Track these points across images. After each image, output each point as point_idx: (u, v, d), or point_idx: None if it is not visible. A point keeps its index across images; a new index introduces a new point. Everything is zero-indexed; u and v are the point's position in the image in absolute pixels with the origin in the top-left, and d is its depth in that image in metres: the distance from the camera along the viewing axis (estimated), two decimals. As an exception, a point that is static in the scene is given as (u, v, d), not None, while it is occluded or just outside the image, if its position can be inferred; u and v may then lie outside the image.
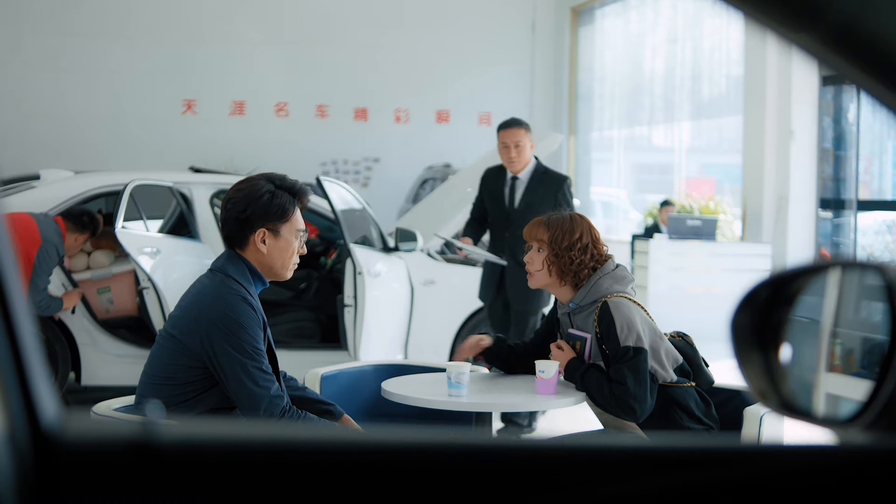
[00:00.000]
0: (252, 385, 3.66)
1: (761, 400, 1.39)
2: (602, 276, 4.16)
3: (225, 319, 3.68)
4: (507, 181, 7.25)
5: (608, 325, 4.04)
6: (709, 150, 17.90)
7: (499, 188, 7.26)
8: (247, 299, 3.75)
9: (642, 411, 4.00)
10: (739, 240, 13.16)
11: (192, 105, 16.73)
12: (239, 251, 3.87)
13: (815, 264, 1.45)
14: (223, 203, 3.93)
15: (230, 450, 1.16)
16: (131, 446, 1.11)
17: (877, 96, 1.19)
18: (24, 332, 1.10)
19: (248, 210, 3.84)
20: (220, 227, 4.04)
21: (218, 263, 3.89)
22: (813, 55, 1.18)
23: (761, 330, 1.37)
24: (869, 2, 1.14)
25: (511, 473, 1.19)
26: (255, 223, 3.85)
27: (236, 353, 3.66)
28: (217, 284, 3.79)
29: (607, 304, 4.06)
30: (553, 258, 4.20)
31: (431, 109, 17.79)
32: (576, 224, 4.23)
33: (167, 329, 3.81)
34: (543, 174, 7.22)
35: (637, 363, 3.98)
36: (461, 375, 4.06)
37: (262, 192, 3.86)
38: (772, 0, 1.15)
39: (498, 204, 7.25)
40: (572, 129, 18.54)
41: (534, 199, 7.07)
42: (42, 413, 1.10)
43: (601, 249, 4.24)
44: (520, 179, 7.20)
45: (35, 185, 8.02)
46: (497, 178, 7.33)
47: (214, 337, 3.66)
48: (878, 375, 1.28)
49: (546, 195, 7.08)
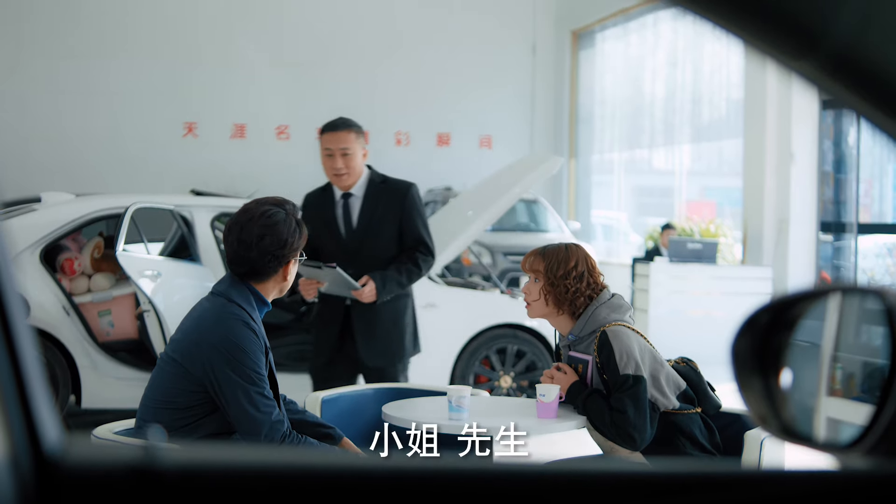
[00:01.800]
0: (253, 410, 3.64)
1: (762, 425, 1.39)
2: (599, 305, 4.17)
3: (227, 344, 3.66)
4: (336, 202, 5.70)
5: (608, 355, 4.05)
6: (709, 172, 17.92)
7: (328, 213, 5.67)
8: (249, 324, 3.73)
9: (642, 440, 4.00)
10: (740, 263, 13.15)
11: (193, 128, 16.75)
12: (255, 282, 3.82)
13: (815, 289, 1.46)
14: (244, 237, 3.79)
15: (232, 475, 1.16)
16: (133, 471, 1.11)
17: (876, 123, 1.20)
18: (27, 356, 1.10)
19: (287, 245, 3.80)
20: (241, 260, 3.80)
21: (220, 288, 3.84)
22: (812, 82, 1.18)
23: (762, 355, 1.38)
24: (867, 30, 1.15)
25: (511, 498, 1.19)
26: (288, 256, 3.83)
27: (238, 377, 3.64)
28: (219, 308, 3.76)
29: (606, 333, 4.07)
30: (549, 287, 4.21)
31: (432, 132, 17.82)
32: (571, 253, 4.25)
33: (168, 353, 3.79)
34: (382, 184, 5.69)
35: (637, 392, 3.98)
36: (462, 399, 4.06)
37: (293, 224, 3.83)
38: (771, 28, 1.16)
39: (331, 232, 5.65)
40: (573, 152, 18.56)
41: (375, 218, 5.59)
42: (44, 437, 1.10)
43: (597, 278, 4.25)
44: (354, 196, 5.67)
45: (36, 208, 8.03)
46: (323, 201, 5.75)
47: (216, 361, 3.64)
48: (879, 400, 1.28)
49: (389, 209, 5.60)
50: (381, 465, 1.21)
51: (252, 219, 3.81)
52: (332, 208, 5.67)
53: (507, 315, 8.21)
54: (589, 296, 4.20)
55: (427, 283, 8.34)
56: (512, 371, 8.04)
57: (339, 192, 5.69)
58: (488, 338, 8.10)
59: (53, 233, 7.74)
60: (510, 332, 8.10)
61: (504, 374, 8.02)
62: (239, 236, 3.80)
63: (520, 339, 8.07)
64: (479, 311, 8.31)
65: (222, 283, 3.87)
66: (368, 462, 1.21)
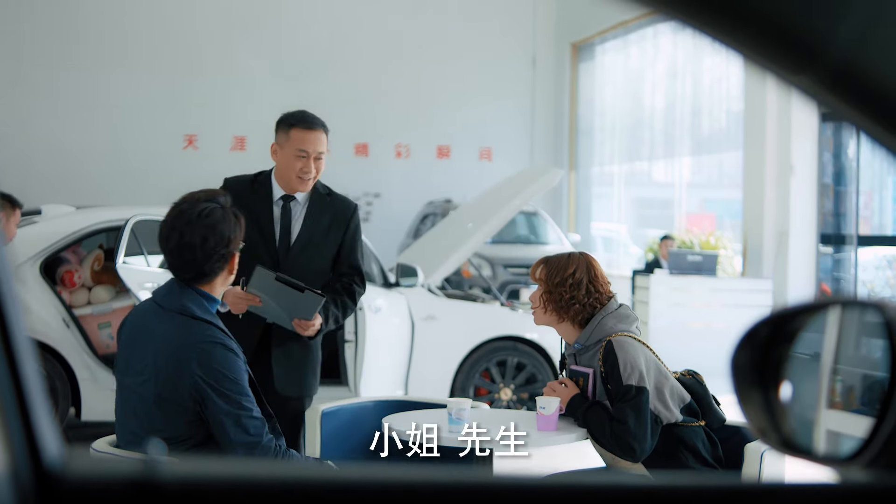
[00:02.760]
0: (243, 435, 3.56)
1: (762, 437, 1.39)
2: (605, 315, 4.17)
3: (214, 375, 3.53)
4: (273, 201, 4.81)
5: (612, 364, 4.05)
6: (709, 185, 17.93)
7: (261, 213, 4.75)
8: (226, 344, 3.59)
9: (641, 451, 4.00)
10: (740, 275, 13.15)
11: (194, 140, 16.78)
12: (203, 285, 3.62)
13: (814, 302, 1.46)
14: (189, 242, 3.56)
15: (231, 488, 1.16)
16: (133, 484, 1.11)
17: (875, 137, 1.20)
18: (27, 370, 1.10)
19: (231, 242, 3.62)
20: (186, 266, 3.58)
21: (173, 303, 3.61)
22: (811, 97, 1.19)
23: (762, 367, 1.38)
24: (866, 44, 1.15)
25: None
26: (233, 250, 3.64)
27: (225, 404, 3.54)
28: (186, 333, 3.57)
29: (612, 342, 4.07)
30: (547, 295, 4.21)
31: (432, 144, 17.84)
32: (571, 261, 4.25)
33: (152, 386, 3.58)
34: (328, 197, 4.89)
35: (639, 403, 3.98)
36: (462, 411, 4.06)
37: (231, 218, 3.63)
38: (770, 43, 1.16)
39: (262, 236, 4.71)
40: (573, 165, 18.58)
41: (318, 232, 4.82)
42: (44, 450, 1.10)
43: (600, 286, 4.23)
44: (296, 202, 4.82)
45: (37, 220, 8.03)
46: (254, 196, 4.79)
47: (203, 390, 3.52)
48: (879, 413, 1.28)
49: (333, 226, 4.85)
50: (381, 478, 1.21)
51: (190, 221, 3.56)
52: (266, 208, 4.76)
53: (507, 327, 8.21)
54: (591, 304, 4.19)
55: (427, 295, 8.34)
56: (512, 383, 8.04)
57: (278, 192, 4.79)
58: (488, 350, 8.10)
59: (54, 245, 7.74)
60: (510, 344, 8.10)
61: (504, 386, 8.02)
62: (180, 242, 3.56)
63: (520, 351, 8.07)
64: (479, 323, 8.30)
65: (171, 295, 3.64)
66: (369, 474, 1.21)
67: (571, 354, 4.28)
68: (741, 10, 1.15)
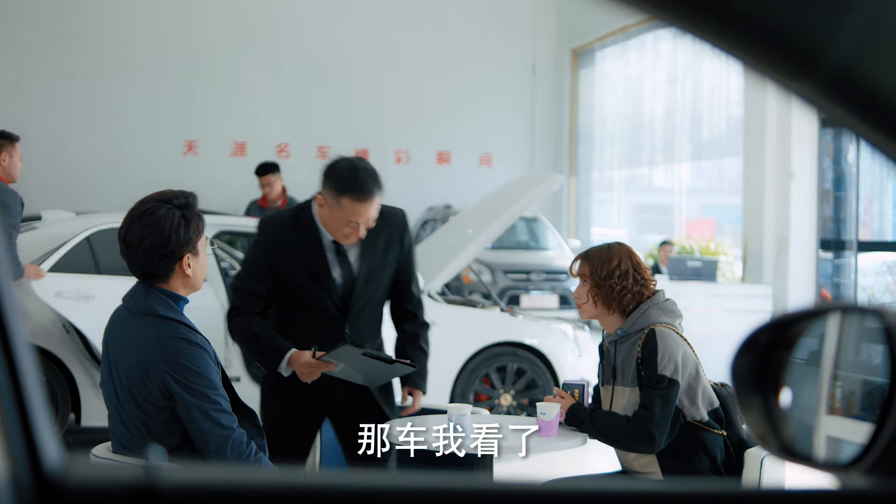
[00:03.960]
0: (214, 427, 3.57)
1: (762, 443, 1.39)
2: (651, 306, 4.18)
3: (177, 368, 3.55)
4: (325, 245, 4.46)
5: (651, 351, 4.05)
6: (709, 190, 17.93)
7: (315, 259, 4.45)
8: (192, 340, 3.59)
9: (659, 441, 3.99)
10: (740, 281, 13.15)
11: (194, 146, 16.79)
12: (160, 284, 3.63)
13: (814, 308, 1.46)
14: (129, 239, 3.58)
15: (231, 494, 1.16)
16: (133, 490, 1.11)
17: (874, 143, 1.20)
18: (27, 375, 1.10)
19: (172, 242, 3.57)
20: (131, 264, 3.61)
21: (139, 304, 3.64)
22: (811, 103, 1.19)
23: (762, 373, 1.38)
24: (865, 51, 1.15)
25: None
26: (178, 252, 3.61)
27: (194, 398, 3.55)
28: (153, 331, 3.60)
29: (654, 331, 4.08)
30: (596, 289, 4.22)
31: (432, 150, 17.85)
32: (613, 252, 4.26)
33: (127, 388, 3.63)
34: (379, 217, 4.45)
35: (668, 394, 3.99)
36: (462, 417, 4.06)
37: (176, 219, 3.59)
38: (769, 49, 1.16)
39: (320, 284, 4.46)
40: (573, 170, 18.59)
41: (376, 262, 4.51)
42: (44, 456, 1.10)
43: (644, 273, 4.24)
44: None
45: (36, 226, 8.04)
46: (301, 241, 4.47)
47: (171, 386, 3.54)
48: (879, 418, 1.28)
49: (390, 249, 4.56)
50: (382, 484, 1.21)
51: (132, 220, 3.59)
52: (318, 256, 4.44)
53: (507, 333, 8.20)
54: (638, 292, 4.20)
55: (427, 300, 8.34)
56: (512, 389, 8.04)
57: (327, 236, 4.44)
58: (488, 356, 8.10)
59: (54, 251, 7.74)
60: (510, 350, 8.09)
61: (504, 392, 8.02)
62: (123, 239, 3.61)
63: (520, 357, 8.06)
64: (479, 329, 8.29)
65: (137, 298, 3.66)
66: (370, 480, 1.21)
67: (612, 342, 4.27)
68: (740, 16, 1.15)
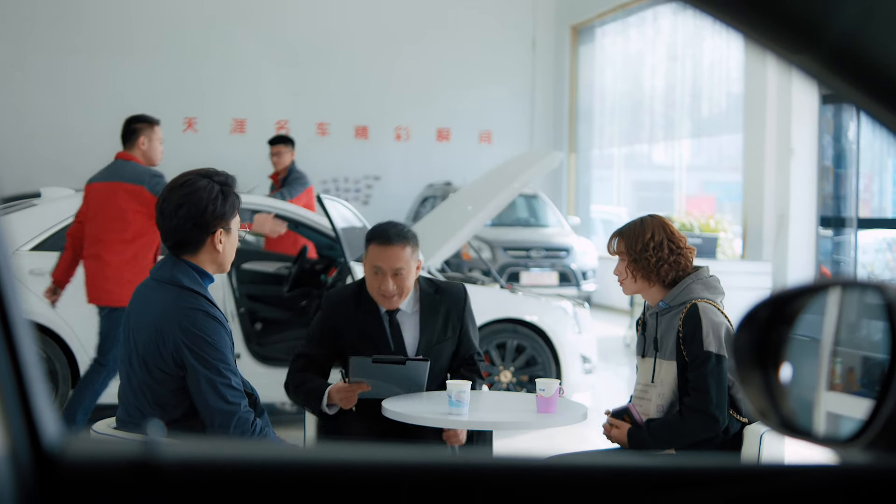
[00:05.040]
0: (220, 402, 3.60)
1: (762, 419, 1.39)
2: (695, 280, 4.15)
3: (191, 336, 3.60)
4: (381, 317, 4.58)
5: (694, 327, 4.01)
6: (709, 167, 17.94)
7: (373, 333, 4.56)
8: (210, 312, 3.66)
9: (723, 419, 3.96)
10: (740, 258, 13.15)
11: (193, 123, 16.77)
12: (188, 256, 3.71)
13: (814, 284, 1.46)
14: (165, 207, 3.70)
15: (231, 469, 1.16)
16: (132, 466, 1.11)
17: (876, 117, 1.20)
18: (26, 352, 1.10)
19: (207, 213, 3.67)
20: (165, 233, 3.71)
21: (165, 274, 3.72)
22: (812, 76, 1.18)
23: (762, 349, 1.38)
24: (868, 23, 1.14)
25: (510, 492, 1.19)
26: (212, 225, 3.69)
27: (204, 369, 3.59)
28: (174, 300, 3.66)
29: (697, 306, 4.04)
30: (633, 264, 4.20)
31: (432, 127, 17.84)
32: (646, 226, 4.24)
33: (139, 354, 3.68)
34: (436, 294, 4.67)
35: (720, 372, 3.95)
36: (462, 394, 4.06)
37: (214, 191, 3.69)
38: (771, 22, 1.16)
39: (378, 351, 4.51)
40: (573, 147, 18.57)
41: (433, 336, 4.61)
42: (43, 432, 1.10)
43: (678, 241, 4.21)
44: (403, 313, 4.61)
45: (36, 203, 8.03)
46: (359, 313, 4.59)
47: (183, 353, 3.59)
48: (879, 394, 1.28)
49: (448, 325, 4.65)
50: (381, 460, 1.21)
51: (172, 189, 3.71)
52: (375, 324, 4.56)
53: (506, 310, 8.20)
54: (675, 261, 4.18)
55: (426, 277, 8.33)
56: (512, 366, 8.04)
57: (382, 307, 4.58)
58: (488, 333, 8.09)
59: (53, 228, 7.73)
60: (510, 326, 8.09)
61: (504, 368, 8.02)
62: (161, 207, 3.71)
63: (520, 333, 8.06)
64: (479, 305, 8.25)
65: (165, 268, 3.74)
66: (369, 456, 1.21)
67: (654, 314, 4.24)
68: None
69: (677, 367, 4.06)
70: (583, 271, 14.80)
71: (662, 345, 4.13)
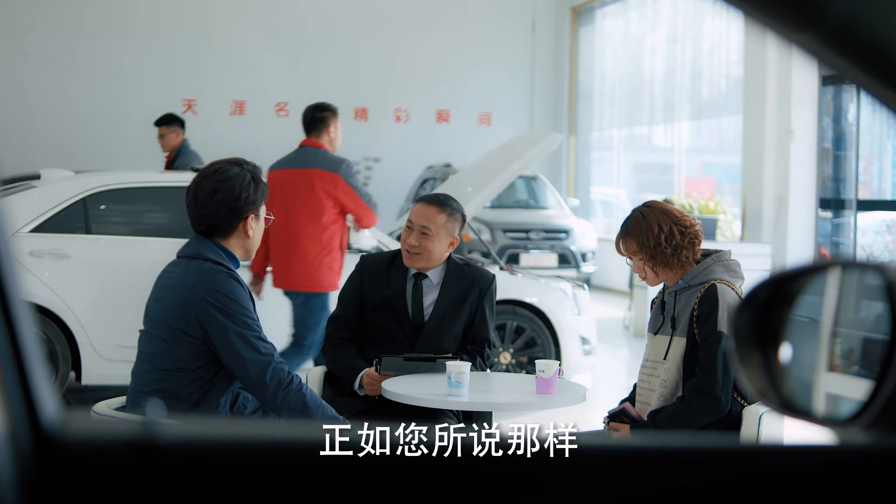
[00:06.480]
0: (254, 354, 3.71)
1: (761, 399, 1.39)
2: (715, 262, 4.16)
3: (215, 295, 3.72)
4: (407, 278, 4.74)
5: (710, 307, 4.01)
6: (708, 149, 17.91)
7: (394, 289, 4.72)
8: (231, 274, 3.79)
9: (726, 400, 3.96)
10: (739, 240, 13.15)
11: (193, 105, 16.73)
12: (219, 239, 3.86)
13: (814, 264, 1.46)
14: (199, 194, 3.87)
15: (230, 449, 1.16)
16: (131, 446, 1.11)
17: (877, 96, 1.20)
18: (25, 333, 1.10)
19: (241, 199, 3.84)
20: (198, 218, 3.86)
21: (189, 250, 3.88)
22: (813, 55, 1.18)
23: (761, 330, 1.38)
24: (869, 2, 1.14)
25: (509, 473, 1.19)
26: (245, 210, 3.86)
27: (233, 325, 3.70)
28: (195, 269, 3.80)
29: (716, 286, 4.04)
30: (652, 260, 4.19)
31: (432, 109, 17.81)
32: (650, 219, 4.21)
33: (162, 321, 3.79)
34: (465, 267, 4.82)
35: (729, 354, 3.95)
36: (462, 375, 4.06)
37: (247, 178, 3.87)
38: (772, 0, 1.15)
39: (394, 314, 4.70)
40: (572, 129, 18.55)
41: (449, 307, 4.73)
42: (43, 413, 1.10)
43: (683, 220, 4.20)
44: (428, 280, 4.75)
45: (35, 185, 8.02)
46: (388, 272, 4.76)
47: (209, 313, 3.70)
48: (878, 375, 1.28)
49: (467, 300, 4.74)
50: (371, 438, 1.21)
51: (206, 176, 3.88)
52: (400, 286, 4.71)
53: (505, 291, 8.19)
54: (690, 242, 4.17)
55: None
56: (511, 347, 8.05)
57: (411, 269, 4.73)
58: (488, 314, 8.09)
59: (53, 209, 7.72)
60: (509, 308, 8.09)
61: (503, 350, 8.03)
62: (194, 194, 3.87)
63: (519, 315, 8.06)
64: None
65: (190, 245, 3.90)
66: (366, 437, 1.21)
67: (672, 293, 4.23)
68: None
69: (687, 344, 4.06)
70: (582, 253, 14.80)
71: (678, 322, 4.13)
